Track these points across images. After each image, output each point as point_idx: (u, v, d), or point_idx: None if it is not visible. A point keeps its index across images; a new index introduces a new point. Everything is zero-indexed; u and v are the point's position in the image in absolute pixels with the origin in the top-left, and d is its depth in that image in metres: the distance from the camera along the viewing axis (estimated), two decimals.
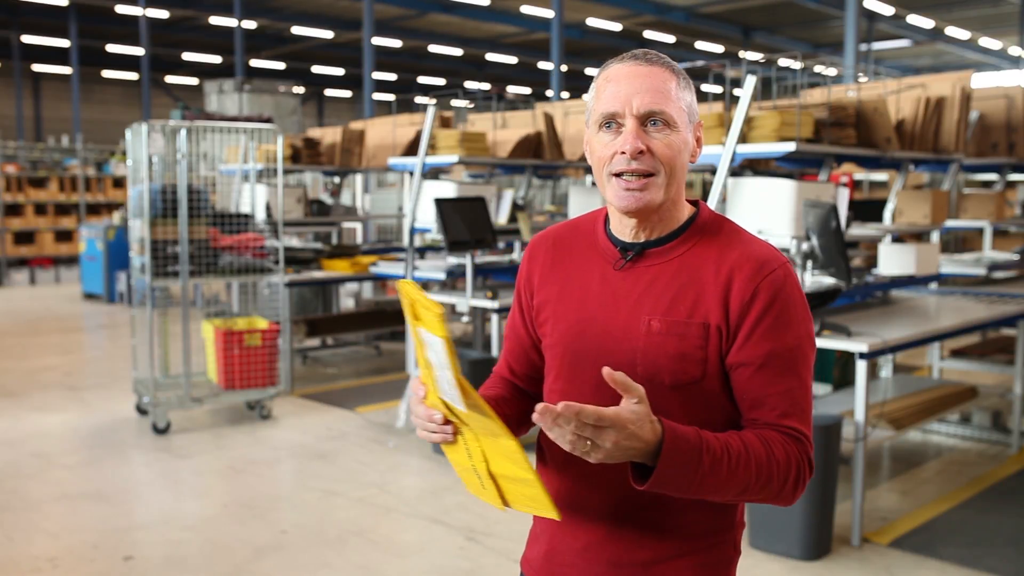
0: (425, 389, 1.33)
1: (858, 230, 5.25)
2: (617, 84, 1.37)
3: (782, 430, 1.34)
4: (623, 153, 1.35)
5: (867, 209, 5.93)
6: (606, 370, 1.20)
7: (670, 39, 25.01)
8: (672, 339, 1.36)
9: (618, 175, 1.37)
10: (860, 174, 10.33)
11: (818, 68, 17.84)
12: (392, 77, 31.26)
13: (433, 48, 26.59)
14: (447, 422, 1.33)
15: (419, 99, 24.57)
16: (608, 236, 1.47)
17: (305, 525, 4.22)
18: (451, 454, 1.40)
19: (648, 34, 24.73)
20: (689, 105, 1.40)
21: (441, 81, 32.04)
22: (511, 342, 1.59)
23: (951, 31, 23.25)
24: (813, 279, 4.42)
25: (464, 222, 5.40)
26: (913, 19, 21.60)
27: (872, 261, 6.14)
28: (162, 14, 21.96)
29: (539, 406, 1.16)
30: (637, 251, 1.42)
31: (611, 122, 1.38)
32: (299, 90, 18.30)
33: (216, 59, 27.81)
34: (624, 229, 1.44)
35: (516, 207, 7.12)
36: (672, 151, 1.37)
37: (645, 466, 1.25)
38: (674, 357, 1.35)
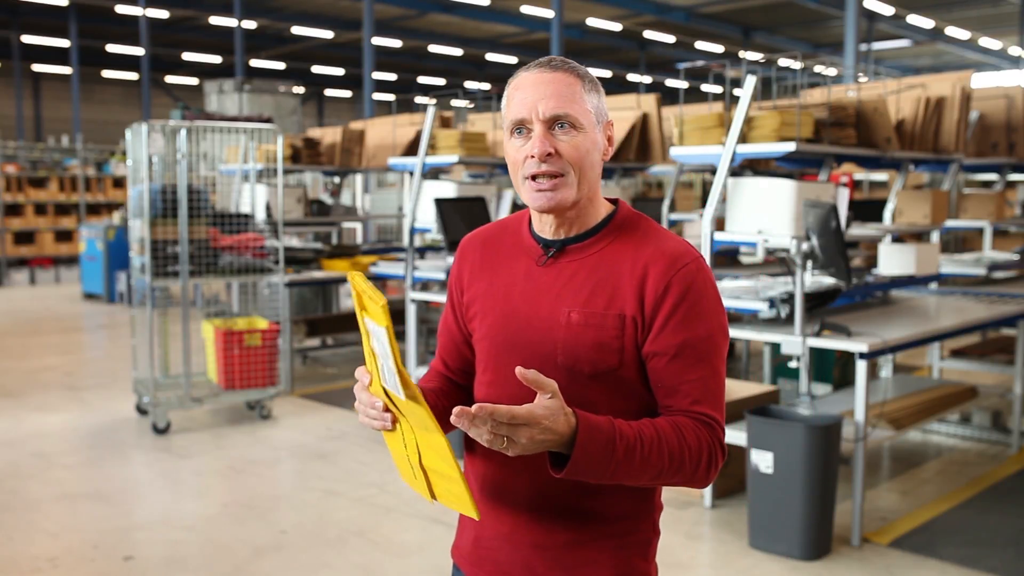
0: (370, 377, 1.39)
1: (858, 230, 5.25)
2: (524, 91, 1.44)
3: (694, 416, 1.41)
4: (533, 156, 1.42)
5: (867, 209, 5.92)
6: (519, 369, 1.27)
7: (670, 39, 25.00)
8: (590, 330, 1.43)
9: (531, 178, 1.44)
10: (860, 174, 10.33)
11: (818, 68, 17.84)
12: (392, 77, 31.25)
13: (433, 48, 26.59)
14: (387, 410, 1.39)
15: (419, 99, 24.60)
16: (532, 234, 1.54)
17: (305, 525, 4.22)
18: (389, 441, 1.46)
19: (648, 34, 24.74)
20: (596, 107, 1.47)
21: (441, 81, 32.04)
22: (444, 338, 1.66)
23: (951, 31, 23.26)
24: (813, 279, 4.43)
25: (464, 222, 5.40)
26: (913, 19, 21.60)
27: (872, 261, 6.14)
28: (162, 14, 21.96)
29: (456, 409, 1.22)
30: (558, 248, 1.50)
31: (521, 128, 1.45)
32: (299, 90, 18.27)
33: (216, 59, 27.82)
34: (545, 227, 1.51)
35: (516, 207, 7.12)
36: (579, 152, 1.43)
37: (563, 455, 1.31)
38: (592, 347, 1.42)
